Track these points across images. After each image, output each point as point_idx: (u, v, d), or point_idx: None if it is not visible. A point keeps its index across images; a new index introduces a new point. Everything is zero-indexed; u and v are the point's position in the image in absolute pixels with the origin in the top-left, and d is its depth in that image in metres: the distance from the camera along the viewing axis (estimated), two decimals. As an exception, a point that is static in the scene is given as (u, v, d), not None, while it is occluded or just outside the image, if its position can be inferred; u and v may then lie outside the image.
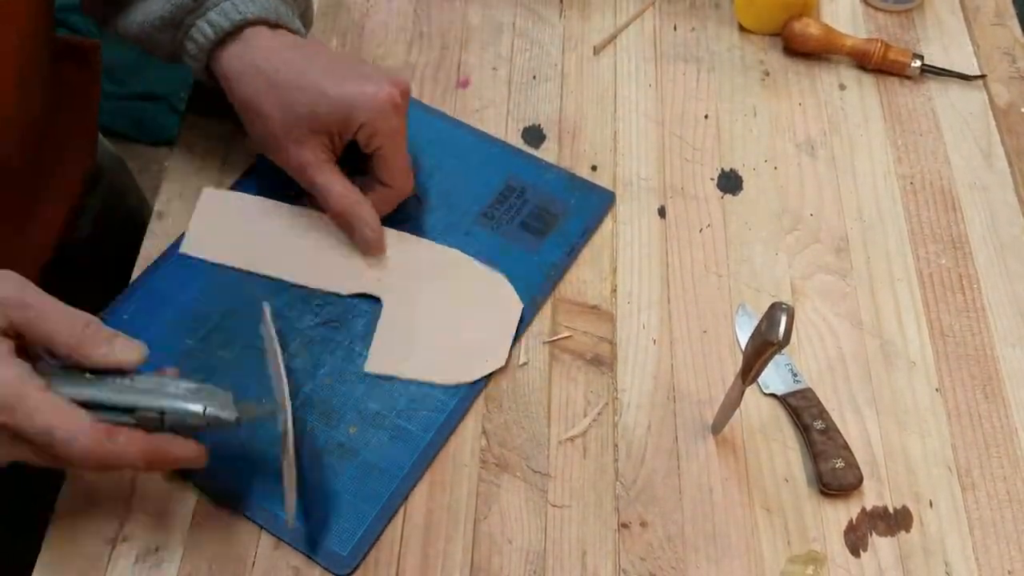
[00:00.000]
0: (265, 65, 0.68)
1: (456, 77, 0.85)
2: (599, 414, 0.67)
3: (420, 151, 0.77)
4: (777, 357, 0.68)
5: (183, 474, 0.63)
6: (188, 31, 0.69)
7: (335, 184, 0.69)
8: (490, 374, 0.68)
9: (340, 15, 0.89)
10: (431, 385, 0.67)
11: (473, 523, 0.63)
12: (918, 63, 0.83)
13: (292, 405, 0.61)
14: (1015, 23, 0.89)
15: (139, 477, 0.64)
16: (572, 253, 0.74)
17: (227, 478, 0.63)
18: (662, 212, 0.77)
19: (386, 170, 0.70)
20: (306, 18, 0.77)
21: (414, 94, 0.83)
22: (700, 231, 0.76)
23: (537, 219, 0.76)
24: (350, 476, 0.63)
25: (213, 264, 0.72)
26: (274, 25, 0.70)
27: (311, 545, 0.61)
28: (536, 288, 0.72)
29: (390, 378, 0.67)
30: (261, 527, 0.62)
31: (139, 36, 0.71)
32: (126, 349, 0.57)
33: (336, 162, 0.70)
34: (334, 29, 0.88)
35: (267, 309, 0.65)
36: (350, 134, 0.68)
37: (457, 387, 0.67)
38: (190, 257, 0.72)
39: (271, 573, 0.60)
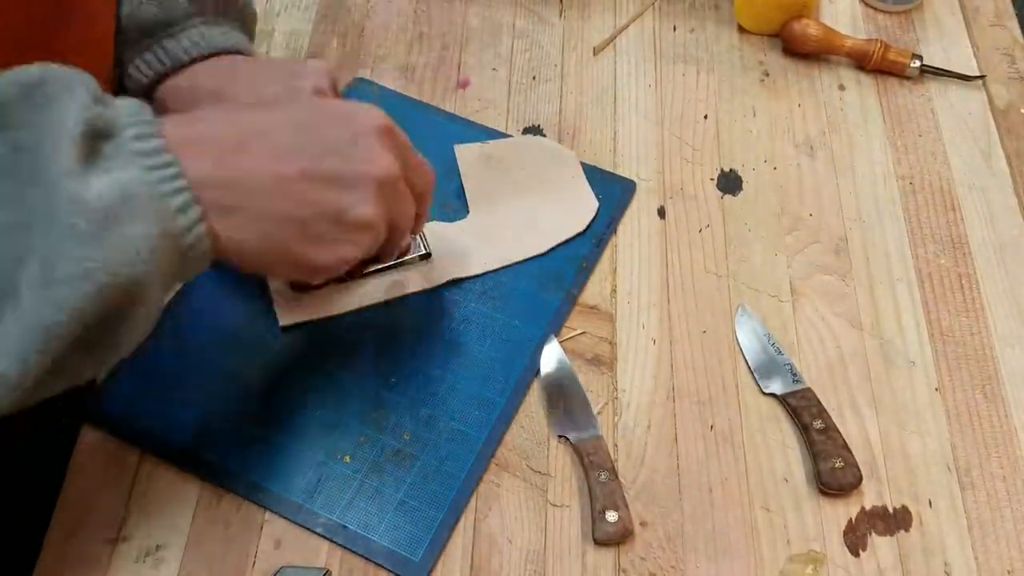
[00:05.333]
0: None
1: (456, 78, 0.85)
2: (599, 414, 0.67)
3: (432, 153, 0.78)
4: (776, 357, 0.69)
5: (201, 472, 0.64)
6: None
7: None
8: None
9: (340, 16, 0.89)
10: (480, 385, 0.67)
11: (473, 522, 0.63)
12: (917, 64, 0.83)
13: (344, 415, 0.66)
14: (1014, 24, 0.89)
15: (140, 474, 0.64)
16: (601, 244, 0.75)
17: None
18: (662, 212, 0.77)
19: None
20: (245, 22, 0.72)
21: (414, 94, 0.83)
22: (700, 231, 0.76)
23: None
24: (413, 482, 0.64)
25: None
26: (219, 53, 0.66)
27: (384, 554, 0.61)
28: (570, 281, 0.72)
29: (439, 380, 0.68)
30: (331, 540, 0.62)
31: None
32: None
33: None
34: (334, 30, 0.88)
35: None
36: None
37: (505, 386, 0.67)
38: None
39: (272, 572, 0.60)
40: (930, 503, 0.64)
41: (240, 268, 0.54)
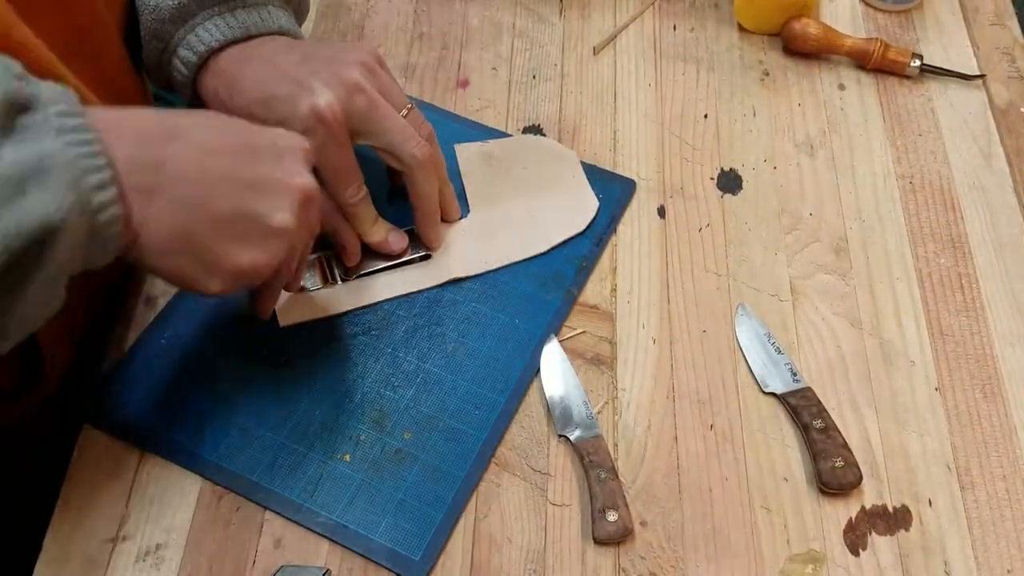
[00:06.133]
0: (223, 92, 0.66)
1: (456, 77, 0.85)
2: (599, 414, 0.67)
3: None
4: (776, 356, 0.69)
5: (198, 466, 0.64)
6: (169, 66, 0.69)
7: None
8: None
9: (340, 16, 0.89)
10: (480, 385, 0.67)
11: (473, 522, 0.63)
12: (917, 63, 0.83)
13: (344, 415, 0.65)
14: (1014, 23, 0.89)
15: (140, 474, 0.64)
16: (601, 243, 0.75)
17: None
18: (662, 212, 0.77)
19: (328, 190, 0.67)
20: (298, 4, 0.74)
21: (415, 94, 0.83)
22: (700, 231, 0.76)
23: None
24: (413, 481, 0.64)
25: None
26: (243, 39, 0.68)
27: (384, 553, 0.61)
28: (570, 281, 0.72)
29: (439, 380, 0.67)
30: (331, 539, 0.62)
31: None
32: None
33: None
34: (335, 29, 0.88)
35: None
36: None
37: (505, 385, 0.67)
38: None
39: (272, 572, 0.60)
40: (930, 502, 0.64)
41: (143, 264, 0.54)
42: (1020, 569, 0.61)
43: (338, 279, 0.71)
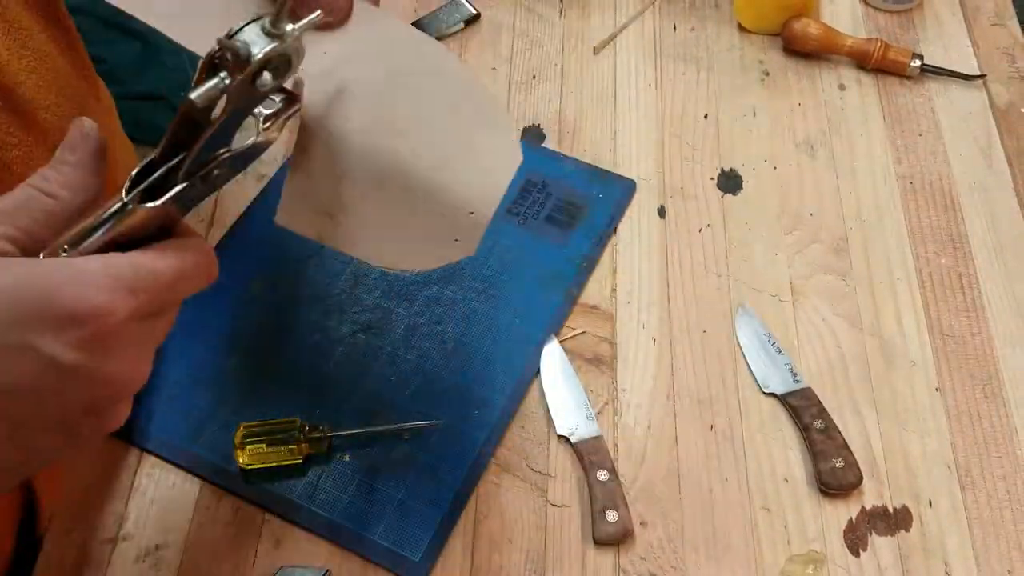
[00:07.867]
0: None
1: (456, 77, 0.85)
2: (599, 414, 0.67)
3: None
4: (777, 357, 0.68)
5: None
6: None
7: None
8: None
9: (340, 15, 0.89)
10: (480, 385, 0.67)
11: (473, 522, 0.63)
12: (918, 63, 0.83)
13: (343, 415, 0.64)
14: (1015, 23, 0.89)
15: (140, 474, 0.64)
16: (600, 243, 0.75)
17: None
18: (662, 212, 0.77)
19: None
20: None
21: (414, 94, 0.83)
22: (700, 231, 0.76)
23: (562, 212, 0.76)
24: (413, 481, 0.64)
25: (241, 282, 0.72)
26: None
27: (384, 554, 0.61)
28: (570, 280, 0.72)
29: (439, 380, 0.67)
30: (331, 540, 0.62)
31: None
32: None
33: None
34: (334, 29, 0.88)
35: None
36: None
37: (505, 385, 0.67)
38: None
39: (271, 572, 0.60)
40: (930, 503, 0.64)
41: None
42: (1021, 570, 0.61)
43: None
